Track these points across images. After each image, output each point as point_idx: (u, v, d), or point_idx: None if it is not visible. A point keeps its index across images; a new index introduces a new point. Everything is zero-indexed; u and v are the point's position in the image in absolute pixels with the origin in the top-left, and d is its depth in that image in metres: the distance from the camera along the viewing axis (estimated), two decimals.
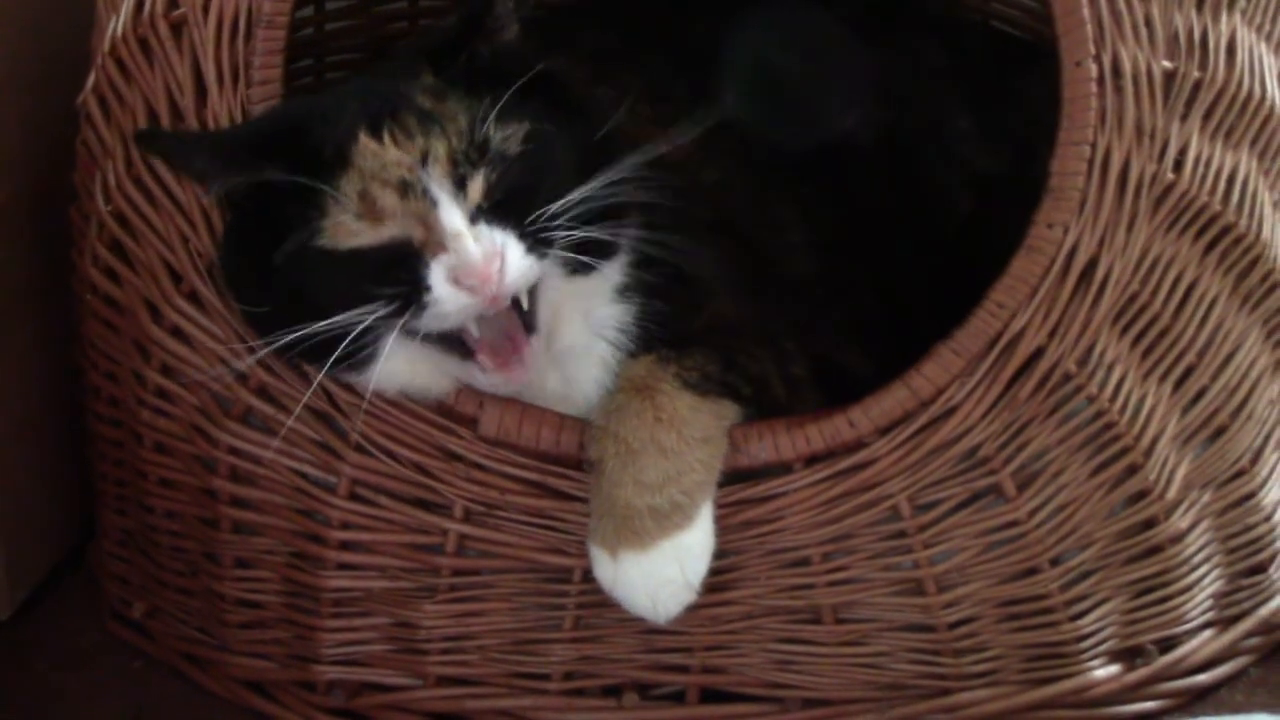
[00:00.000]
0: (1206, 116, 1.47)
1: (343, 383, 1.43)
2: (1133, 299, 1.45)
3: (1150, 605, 1.54)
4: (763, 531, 1.47)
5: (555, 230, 1.33)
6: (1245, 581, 1.60)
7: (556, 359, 1.44)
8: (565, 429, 1.45)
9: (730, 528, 1.45)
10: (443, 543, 1.49)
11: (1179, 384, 1.50)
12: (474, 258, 1.30)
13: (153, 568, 1.64)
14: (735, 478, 1.45)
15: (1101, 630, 1.53)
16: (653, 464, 1.40)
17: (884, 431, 1.45)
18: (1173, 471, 1.51)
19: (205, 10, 1.46)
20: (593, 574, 1.44)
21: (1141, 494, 1.50)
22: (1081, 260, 1.43)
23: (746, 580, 1.48)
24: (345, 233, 1.32)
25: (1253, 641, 1.61)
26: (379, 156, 1.33)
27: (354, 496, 1.49)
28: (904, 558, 1.48)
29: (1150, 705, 1.54)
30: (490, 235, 1.31)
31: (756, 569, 1.48)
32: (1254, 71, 1.51)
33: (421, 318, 1.32)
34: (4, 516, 1.68)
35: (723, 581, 1.47)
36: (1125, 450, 1.48)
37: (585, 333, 1.44)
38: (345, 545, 1.51)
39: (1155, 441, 1.49)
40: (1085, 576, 1.51)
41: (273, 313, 1.37)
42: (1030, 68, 1.79)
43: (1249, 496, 1.57)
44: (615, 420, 1.41)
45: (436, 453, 1.47)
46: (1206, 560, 1.56)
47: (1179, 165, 1.45)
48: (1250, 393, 1.54)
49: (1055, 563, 1.49)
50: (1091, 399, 1.46)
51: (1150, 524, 1.51)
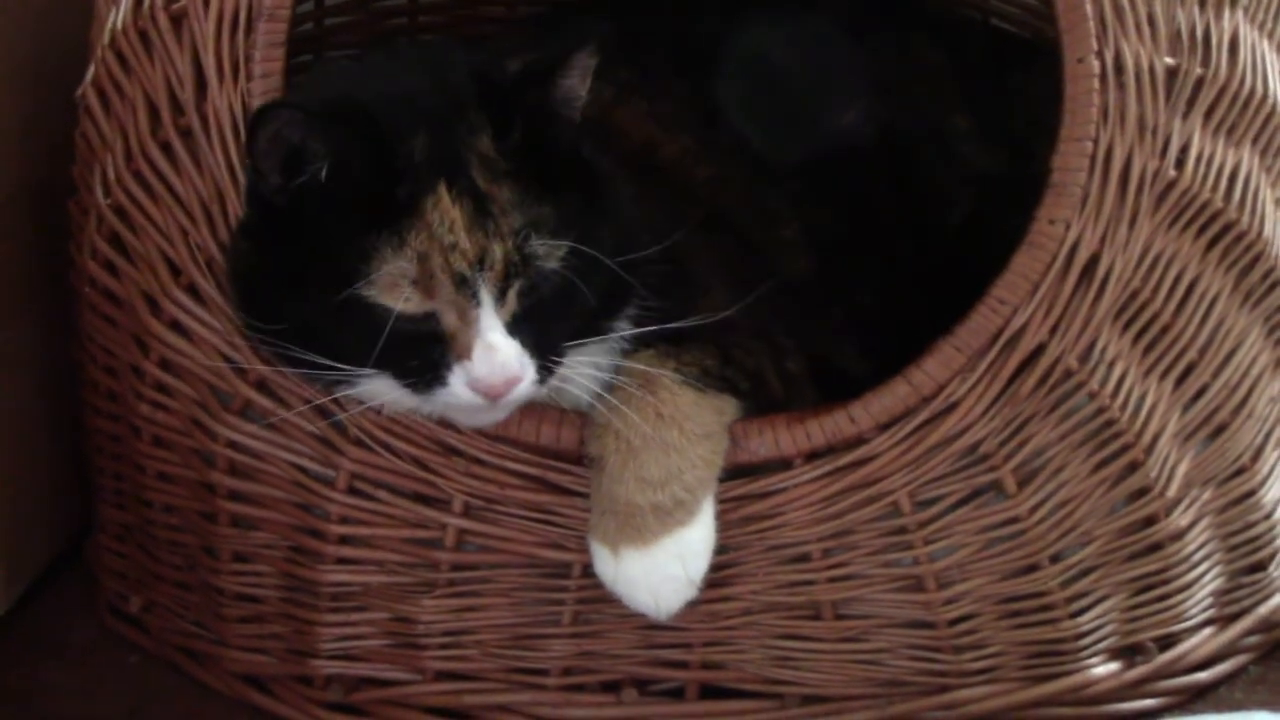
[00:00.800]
0: (1208, 113, 1.47)
1: None
2: (1134, 296, 1.45)
3: (1150, 603, 1.54)
4: (763, 527, 1.47)
5: (563, 361, 1.36)
6: (1245, 579, 1.60)
7: None
8: (565, 424, 1.44)
9: (730, 523, 1.45)
10: (442, 537, 1.49)
11: (1180, 381, 1.50)
12: (495, 377, 1.31)
13: (150, 562, 1.64)
14: (735, 473, 1.45)
15: (1101, 627, 1.53)
16: (654, 460, 1.40)
17: (885, 427, 1.45)
18: (1173, 469, 1.51)
19: (206, 3, 1.46)
20: (593, 570, 1.44)
21: (1142, 491, 1.50)
22: (1083, 256, 1.43)
23: (746, 576, 1.48)
24: (395, 294, 1.30)
25: (1252, 639, 1.61)
26: (453, 228, 1.30)
27: (353, 491, 1.49)
28: (904, 554, 1.48)
29: (1150, 703, 1.54)
30: (517, 357, 1.31)
31: (756, 565, 1.48)
32: (1256, 69, 1.51)
33: (427, 396, 1.33)
34: (1, 511, 1.67)
35: (722, 577, 1.47)
36: (1126, 447, 1.48)
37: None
38: (344, 540, 1.51)
39: (1156, 439, 1.49)
40: (1085, 573, 1.50)
41: (282, 331, 1.35)
42: (1030, 66, 1.78)
43: (1249, 494, 1.57)
44: (616, 416, 1.40)
45: (436, 447, 1.46)
46: (1206, 558, 1.56)
47: (1181, 162, 1.45)
48: (1251, 390, 1.54)
49: (1055, 560, 1.49)
50: (1093, 395, 1.46)
51: (1151, 521, 1.51)
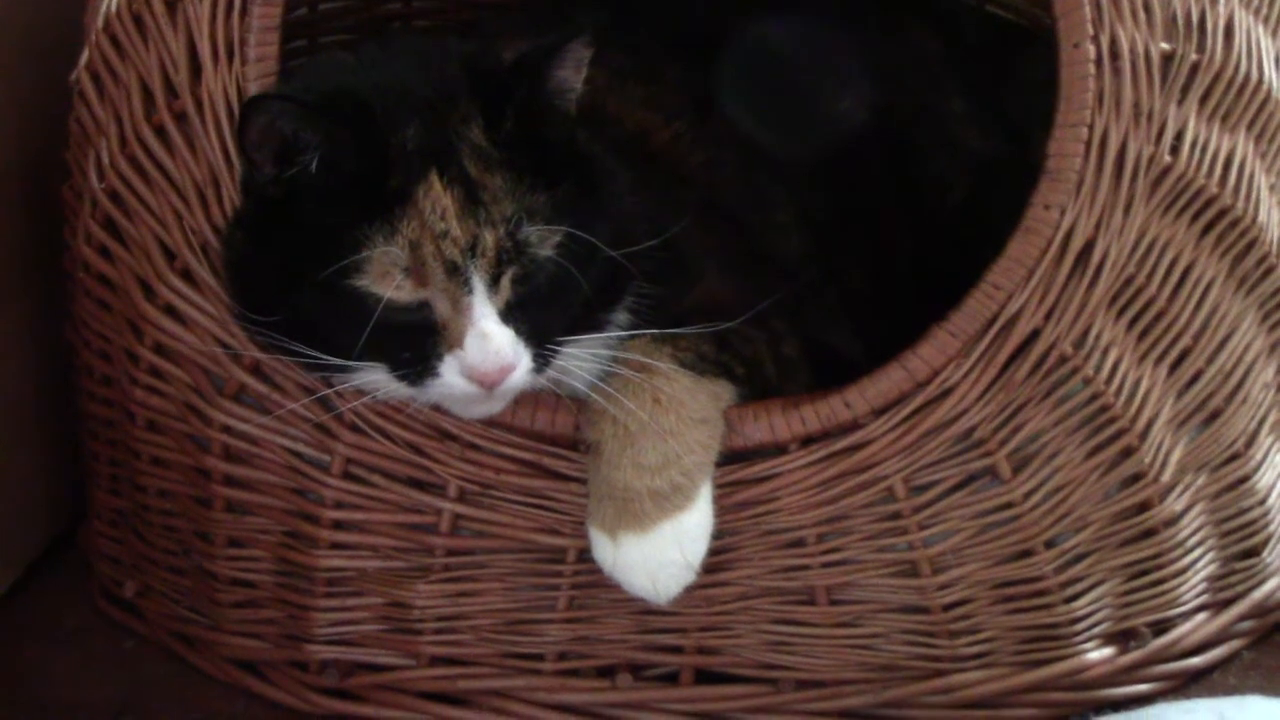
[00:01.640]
0: (1204, 99, 1.47)
1: None
2: (1129, 281, 1.45)
3: (1144, 588, 1.54)
4: (758, 512, 1.47)
5: (559, 349, 1.36)
6: (1239, 565, 1.60)
7: None
8: (560, 409, 1.44)
9: (725, 508, 1.45)
10: (437, 522, 1.49)
11: (1175, 367, 1.50)
12: (488, 365, 1.31)
13: (144, 547, 1.64)
14: (730, 458, 1.45)
15: (1096, 613, 1.53)
16: (652, 446, 1.40)
17: (880, 412, 1.45)
18: (1168, 454, 1.51)
19: None
20: (588, 555, 1.44)
21: (1136, 476, 1.50)
22: (1078, 242, 1.43)
23: (741, 561, 1.48)
24: (388, 282, 1.30)
25: (1246, 625, 1.61)
26: (444, 215, 1.31)
27: (348, 475, 1.49)
28: (899, 539, 1.48)
29: (1144, 688, 1.55)
30: (511, 345, 1.31)
31: (751, 550, 1.48)
32: (1251, 54, 1.51)
33: (420, 387, 1.33)
34: None
35: (717, 562, 1.47)
36: (1121, 433, 1.48)
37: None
38: (339, 524, 1.51)
39: (1151, 424, 1.49)
40: (1080, 559, 1.51)
41: (277, 323, 1.35)
42: (1025, 52, 1.79)
43: (1243, 480, 1.58)
44: (613, 403, 1.40)
45: (431, 432, 1.46)
46: (1200, 543, 1.56)
47: (1176, 147, 1.45)
48: (1245, 376, 1.54)
49: (1050, 545, 1.49)
50: (1087, 381, 1.46)
51: (1145, 507, 1.51)
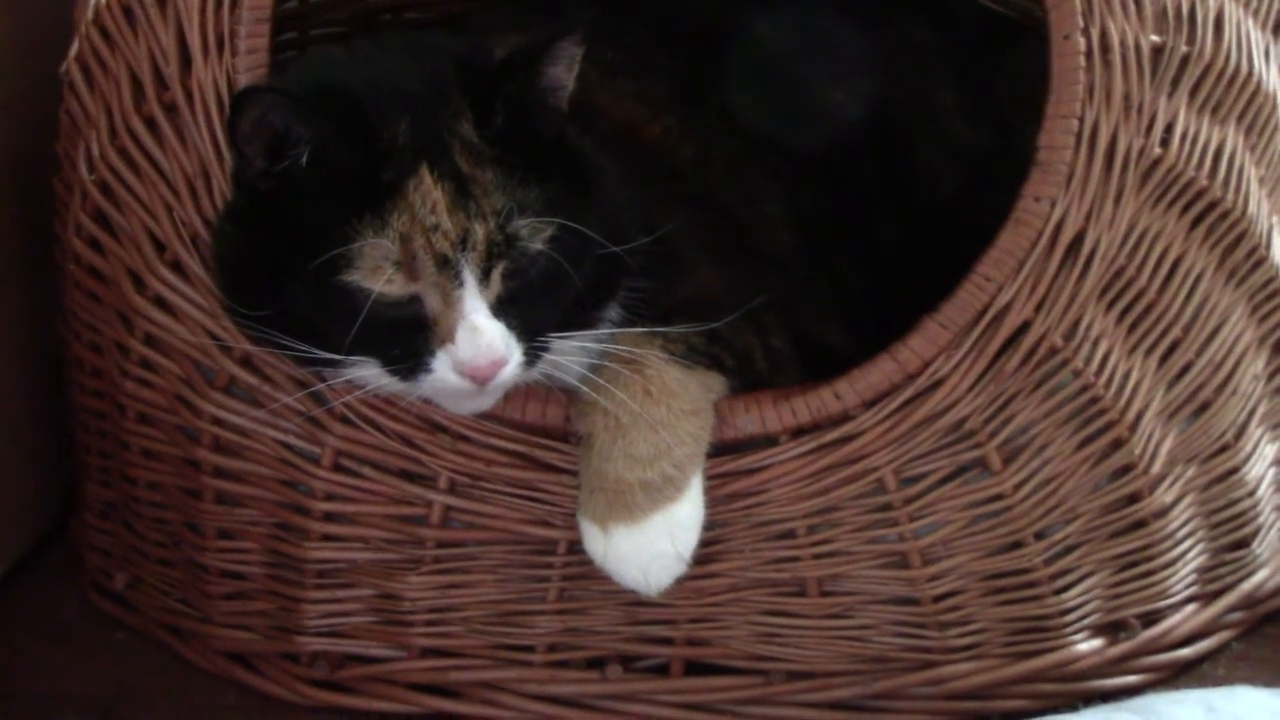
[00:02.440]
0: (1194, 91, 1.47)
1: None
2: (1119, 273, 1.46)
3: (1134, 580, 1.55)
4: (748, 504, 1.47)
5: (551, 344, 1.36)
6: (1228, 556, 1.61)
7: None
8: (551, 401, 1.44)
9: (716, 500, 1.45)
10: (427, 514, 1.49)
11: (1164, 359, 1.50)
12: (480, 359, 1.31)
13: (135, 539, 1.64)
14: (721, 450, 1.45)
15: (1085, 604, 1.53)
16: (643, 438, 1.40)
17: (870, 404, 1.45)
18: (1157, 446, 1.51)
19: None
20: (578, 547, 1.44)
21: (1126, 468, 1.50)
22: (1069, 234, 1.43)
23: (732, 553, 1.48)
24: (378, 276, 1.30)
25: (1235, 616, 1.61)
26: (434, 209, 1.30)
27: (338, 468, 1.49)
28: (889, 530, 1.48)
29: (1133, 679, 1.55)
30: (503, 339, 1.31)
31: (742, 541, 1.48)
32: (1241, 47, 1.51)
33: (412, 382, 1.33)
34: None
35: (708, 554, 1.47)
36: (1110, 424, 1.48)
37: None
38: (329, 516, 1.51)
39: (1140, 416, 1.49)
40: (1070, 550, 1.51)
41: (268, 317, 1.34)
42: (1016, 45, 1.79)
43: (1233, 472, 1.58)
44: (604, 395, 1.40)
45: (421, 424, 1.46)
46: (1190, 535, 1.57)
47: (1166, 140, 1.46)
48: (1235, 368, 1.54)
49: (1040, 536, 1.50)
50: (1077, 373, 1.46)
51: (1135, 498, 1.52)
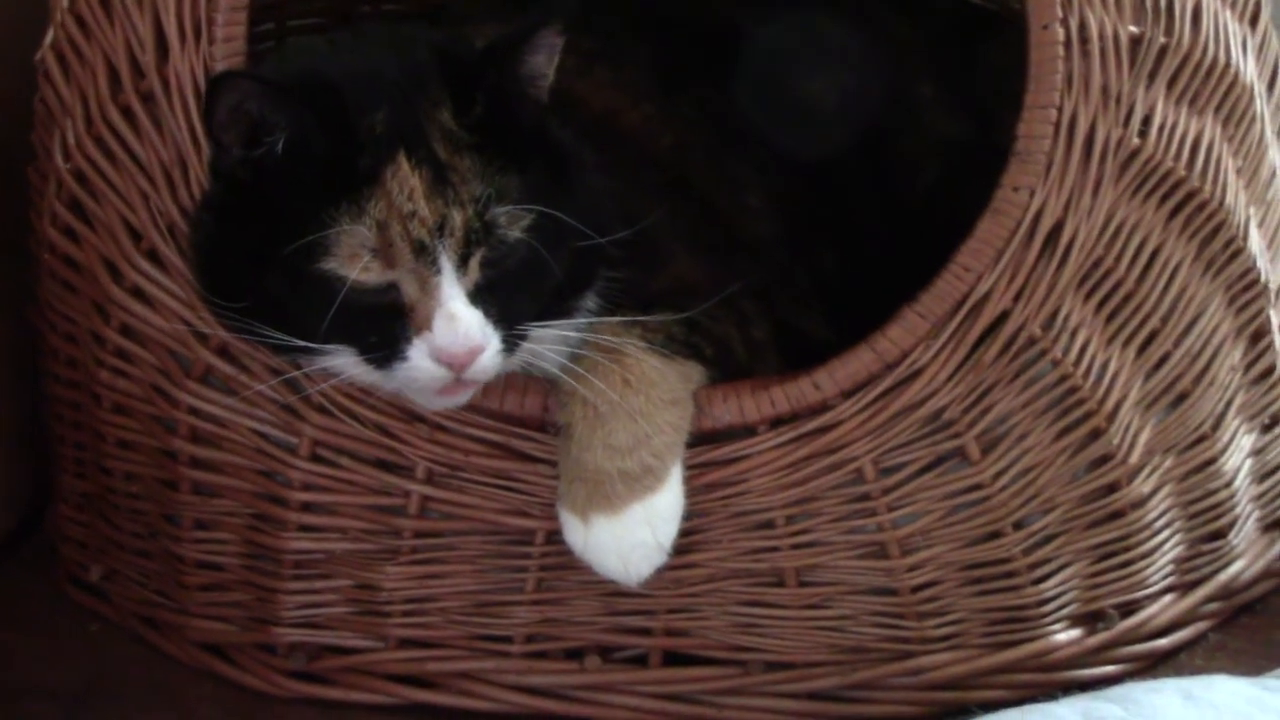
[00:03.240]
0: (1172, 82, 1.48)
1: None
2: (1097, 264, 1.46)
3: (1112, 570, 1.55)
4: (727, 494, 1.47)
5: (529, 333, 1.35)
6: (1205, 547, 1.61)
7: None
8: (529, 392, 1.44)
9: (694, 490, 1.45)
10: (405, 504, 1.48)
11: (1142, 349, 1.50)
12: (457, 347, 1.30)
13: (111, 530, 1.63)
14: (699, 440, 1.45)
15: (1063, 594, 1.53)
16: (622, 427, 1.39)
17: (849, 394, 1.45)
18: (1135, 436, 1.51)
19: None
20: (557, 537, 1.44)
21: (1104, 458, 1.50)
22: (1047, 224, 1.43)
23: (710, 543, 1.48)
24: (356, 264, 1.30)
25: (1212, 607, 1.62)
26: (411, 195, 1.30)
27: (315, 458, 1.48)
28: (868, 521, 1.48)
29: (1111, 669, 1.55)
30: (480, 327, 1.31)
31: (720, 532, 1.48)
32: (1219, 38, 1.51)
33: (388, 371, 1.32)
34: None
35: (686, 544, 1.46)
36: (1089, 415, 1.48)
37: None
38: (306, 507, 1.50)
39: (1118, 406, 1.49)
40: (1048, 540, 1.51)
41: (246, 308, 1.34)
42: (994, 36, 1.79)
43: (1210, 462, 1.58)
44: (583, 384, 1.40)
45: (399, 414, 1.46)
46: (1167, 525, 1.57)
47: (1144, 130, 1.46)
48: (1212, 359, 1.55)
49: (1018, 526, 1.50)
50: (1056, 363, 1.46)
51: (1113, 489, 1.52)
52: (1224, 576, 1.62)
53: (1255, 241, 1.56)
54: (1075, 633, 1.55)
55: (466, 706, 1.53)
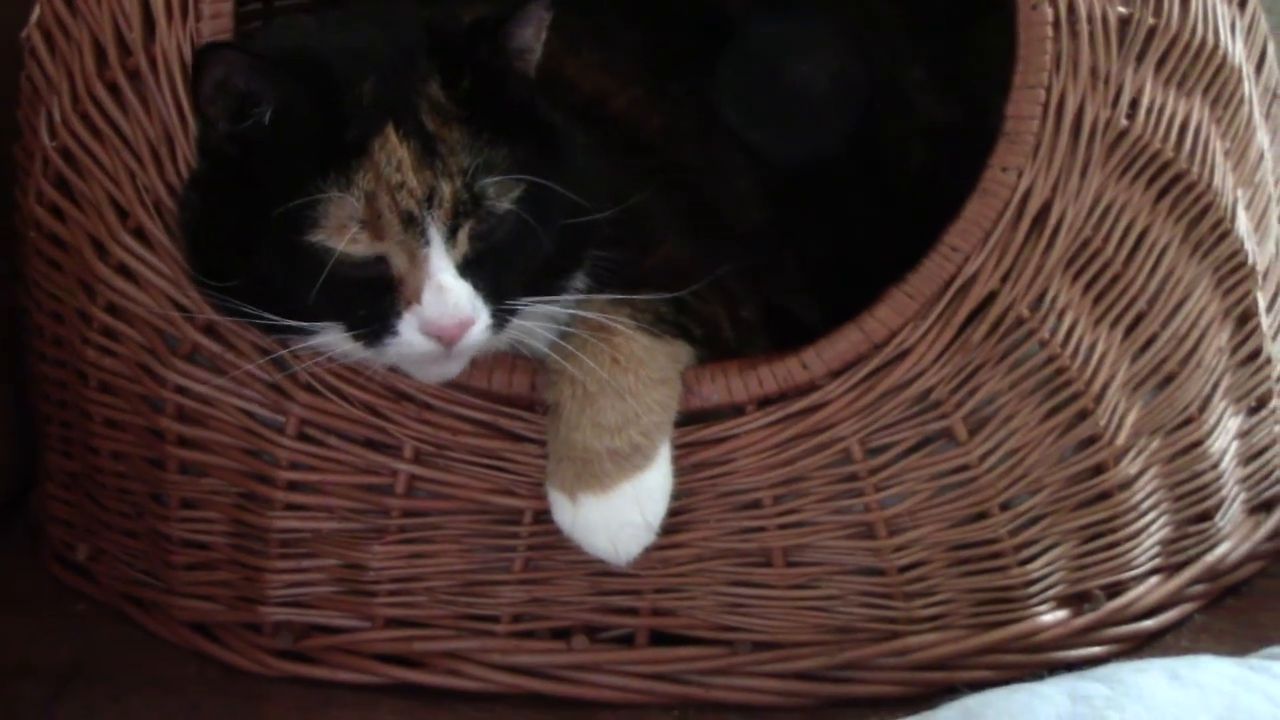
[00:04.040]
0: (1160, 63, 1.48)
1: None
2: (1085, 244, 1.46)
3: (1098, 551, 1.55)
4: (714, 474, 1.47)
5: (518, 309, 1.34)
6: (1192, 529, 1.61)
7: None
8: (517, 370, 1.44)
9: (682, 469, 1.45)
10: (392, 483, 1.48)
11: (1129, 331, 1.50)
12: (446, 319, 1.30)
13: (97, 510, 1.63)
14: (687, 419, 1.45)
15: (1050, 575, 1.54)
16: (610, 406, 1.39)
17: (836, 374, 1.45)
18: (1122, 418, 1.51)
19: None
20: (544, 516, 1.44)
21: (1091, 439, 1.51)
22: (1035, 204, 1.43)
23: (697, 523, 1.48)
24: (344, 235, 1.29)
25: (1198, 588, 1.62)
26: (400, 166, 1.30)
27: (303, 436, 1.48)
28: (855, 501, 1.48)
29: (1097, 650, 1.55)
30: (470, 299, 1.30)
31: (708, 511, 1.48)
32: (1207, 20, 1.51)
33: (378, 347, 1.32)
34: None
35: (674, 524, 1.46)
36: (1076, 395, 1.48)
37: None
38: (293, 486, 1.50)
39: (1106, 387, 1.50)
40: (1035, 521, 1.51)
41: (234, 287, 1.33)
42: (983, 19, 1.79)
43: (1196, 444, 1.58)
44: (571, 363, 1.40)
45: (386, 393, 1.46)
46: (1154, 507, 1.57)
47: (1132, 111, 1.46)
48: (1199, 341, 1.55)
49: (1005, 507, 1.50)
50: (1043, 344, 1.46)
51: (1100, 470, 1.52)
52: (1210, 558, 1.62)
53: (1243, 223, 1.57)
54: (1062, 613, 1.55)
55: (453, 686, 1.53)
